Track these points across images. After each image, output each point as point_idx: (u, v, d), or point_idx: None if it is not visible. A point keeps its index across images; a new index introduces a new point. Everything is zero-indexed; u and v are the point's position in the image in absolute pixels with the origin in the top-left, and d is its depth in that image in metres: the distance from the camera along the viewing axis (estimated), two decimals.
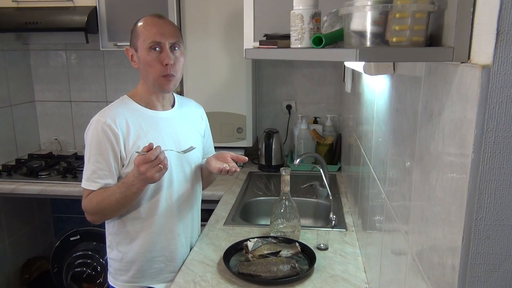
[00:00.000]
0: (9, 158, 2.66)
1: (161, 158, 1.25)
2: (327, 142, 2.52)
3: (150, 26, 1.36)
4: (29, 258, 2.74)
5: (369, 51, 0.68)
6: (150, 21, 1.37)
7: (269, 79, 2.76)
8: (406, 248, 0.87)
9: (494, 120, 0.54)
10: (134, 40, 1.38)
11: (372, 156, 1.32)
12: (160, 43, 1.34)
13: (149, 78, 1.38)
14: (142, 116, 1.40)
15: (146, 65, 1.35)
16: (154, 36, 1.34)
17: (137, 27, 1.38)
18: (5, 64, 2.64)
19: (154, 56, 1.35)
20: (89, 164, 1.34)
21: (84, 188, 1.37)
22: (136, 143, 1.35)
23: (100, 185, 1.34)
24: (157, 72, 1.35)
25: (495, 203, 0.56)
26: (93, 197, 1.34)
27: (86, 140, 1.36)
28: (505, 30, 0.51)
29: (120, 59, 2.79)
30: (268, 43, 1.05)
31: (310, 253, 1.46)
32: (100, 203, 1.34)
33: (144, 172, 1.24)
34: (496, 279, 0.58)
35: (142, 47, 1.35)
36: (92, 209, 1.36)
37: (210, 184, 1.74)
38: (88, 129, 1.36)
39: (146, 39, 1.34)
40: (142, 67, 1.37)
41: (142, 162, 1.24)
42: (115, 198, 1.31)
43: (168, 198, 1.44)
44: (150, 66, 1.35)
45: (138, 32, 1.36)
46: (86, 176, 1.35)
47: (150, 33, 1.34)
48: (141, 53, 1.35)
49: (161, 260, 1.47)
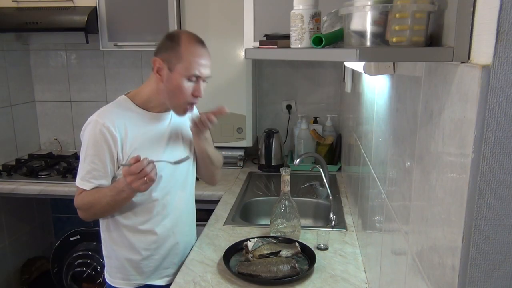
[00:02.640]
0: (9, 158, 2.66)
1: (147, 171, 1.25)
2: (327, 142, 2.52)
3: (196, 57, 1.33)
4: (29, 258, 2.73)
5: (369, 51, 0.68)
6: (196, 50, 1.34)
7: (269, 79, 2.76)
8: (406, 248, 0.87)
9: (494, 120, 0.54)
10: (172, 60, 1.32)
11: (372, 156, 1.32)
12: (199, 77, 1.34)
13: (173, 101, 1.37)
14: (140, 118, 1.39)
15: (177, 90, 1.34)
16: (198, 69, 1.32)
17: (180, 49, 1.32)
18: (5, 64, 2.64)
19: (188, 85, 1.34)
20: (85, 164, 1.34)
21: (77, 186, 1.37)
22: (134, 145, 1.35)
23: (94, 185, 1.34)
24: (185, 100, 1.36)
25: (495, 203, 0.56)
26: (86, 196, 1.35)
27: (83, 138, 1.36)
28: (505, 30, 0.51)
29: (120, 59, 2.79)
30: (268, 43, 1.05)
31: (310, 253, 1.46)
32: (91, 203, 1.35)
33: (130, 183, 1.26)
34: (496, 279, 0.58)
35: (181, 74, 1.32)
36: (83, 207, 1.38)
37: (211, 172, 1.64)
38: (85, 128, 1.36)
39: (190, 70, 1.32)
40: (171, 88, 1.35)
41: (128, 174, 1.25)
42: (106, 200, 1.33)
43: (161, 198, 1.43)
44: (181, 93, 1.34)
45: (182, 56, 1.32)
46: (81, 175, 1.36)
47: (195, 64, 1.32)
48: (176, 78, 1.33)
49: (157, 258, 1.47)
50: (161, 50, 1.35)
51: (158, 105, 1.41)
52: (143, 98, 1.41)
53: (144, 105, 1.41)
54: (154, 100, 1.40)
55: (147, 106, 1.41)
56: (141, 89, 1.44)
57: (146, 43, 2.35)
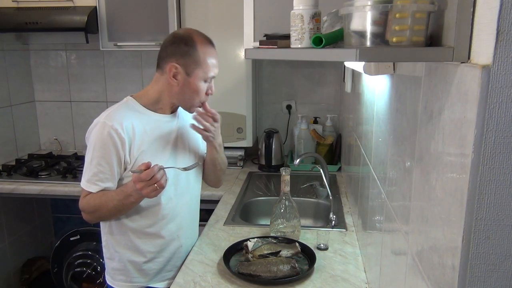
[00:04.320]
0: (9, 158, 2.66)
1: (158, 178, 1.25)
2: (327, 142, 2.52)
3: (212, 59, 1.36)
4: (29, 258, 2.74)
5: (369, 51, 0.68)
6: (211, 52, 1.37)
7: (269, 79, 2.76)
8: (406, 248, 0.87)
9: (494, 120, 0.54)
10: (190, 65, 1.33)
11: (372, 156, 1.32)
12: (213, 77, 1.39)
13: (189, 101, 1.39)
14: (147, 119, 1.38)
15: (195, 92, 1.37)
16: (213, 70, 1.37)
17: (198, 54, 1.33)
18: (5, 64, 2.64)
19: (205, 86, 1.38)
20: (91, 166, 1.32)
21: (83, 188, 1.36)
22: (141, 147, 1.34)
23: (100, 188, 1.33)
24: (199, 100, 1.39)
25: (495, 203, 0.56)
26: (91, 199, 1.34)
27: (89, 140, 1.34)
28: (505, 30, 0.51)
29: (120, 59, 2.79)
30: (268, 43, 1.05)
31: (310, 253, 1.46)
32: (97, 206, 1.34)
33: (140, 190, 1.26)
34: (496, 279, 0.58)
35: (199, 78, 1.35)
36: (89, 210, 1.37)
37: (218, 177, 1.65)
38: (92, 130, 1.33)
39: (208, 73, 1.35)
40: (189, 91, 1.36)
41: (138, 180, 1.25)
42: (113, 204, 1.32)
43: (168, 201, 1.43)
44: (198, 95, 1.38)
45: (201, 61, 1.34)
46: (87, 177, 1.34)
47: (212, 67, 1.36)
48: (195, 82, 1.35)
49: (160, 261, 1.47)
50: (177, 55, 1.33)
51: (166, 106, 1.42)
52: (151, 99, 1.40)
53: (152, 106, 1.40)
54: (163, 101, 1.40)
55: (155, 108, 1.41)
56: (148, 90, 1.42)
57: (146, 43, 2.35)
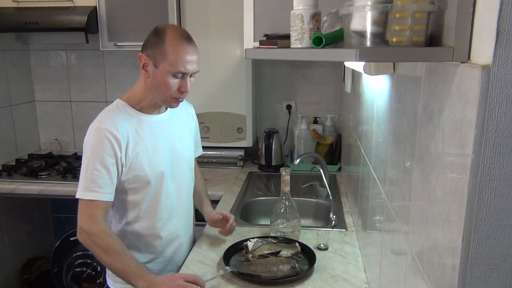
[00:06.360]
0: (9, 158, 2.66)
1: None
2: (327, 142, 2.52)
3: (181, 53, 1.28)
4: (29, 258, 2.73)
5: (369, 51, 0.68)
6: (181, 46, 1.29)
7: (269, 79, 2.76)
8: (406, 248, 0.87)
9: (494, 120, 0.54)
10: (156, 56, 1.29)
11: (372, 156, 1.32)
12: (185, 73, 1.31)
13: (159, 95, 1.34)
14: (137, 121, 1.37)
15: (162, 85, 1.31)
16: (183, 65, 1.28)
17: (165, 45, 1.28)
18: (5, 64, 2.64)
19: (174, 82, 1.30)
20: (87, 173, 1.27)
21: (81, 200, 1.27)
22: (136, 150, 1.33)
23: (100, 195, 1.27)
24: (170, 95, 1.33)
25: (495, 203, 0.56)
26: (109, 238, 1.28)
27: (85, 147, 1.31)
28: (505, 30, 0.51)
29: (120, 59, 2.79)
30: (268, 43, 1.05)
31: (310, 253, 1.46)
32: (109, 248, 1.27)
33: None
34: (496, 279, 0.58)
35: (166, 70, 1.28)
36: (99, 242, 1.27)
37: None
38: (87, 137, 1.31)
39: (174, 66, 1.28)
40: (156, 83, 1.32)
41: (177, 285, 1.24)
42: (121, 265, 1.27)
43: (167, 201, 1.43)
44: (167, 88, 1.31)
45: (167, 52, 1.27)
46: (83, 185, 1.27)
47: (180, 61, 1.28)
48: (161, 74, 1.29)
49: (161, 261, 1.47)
50: (147, 46, 1.32)
51: (151, 103, 1.39)
52: (138, 98, 1.39)
53: (140, 107, 1.39)
54: (146, 98, 1.38)
55: (142, 106, 1.39)
56: (134, 90, 1.41)
57: None
